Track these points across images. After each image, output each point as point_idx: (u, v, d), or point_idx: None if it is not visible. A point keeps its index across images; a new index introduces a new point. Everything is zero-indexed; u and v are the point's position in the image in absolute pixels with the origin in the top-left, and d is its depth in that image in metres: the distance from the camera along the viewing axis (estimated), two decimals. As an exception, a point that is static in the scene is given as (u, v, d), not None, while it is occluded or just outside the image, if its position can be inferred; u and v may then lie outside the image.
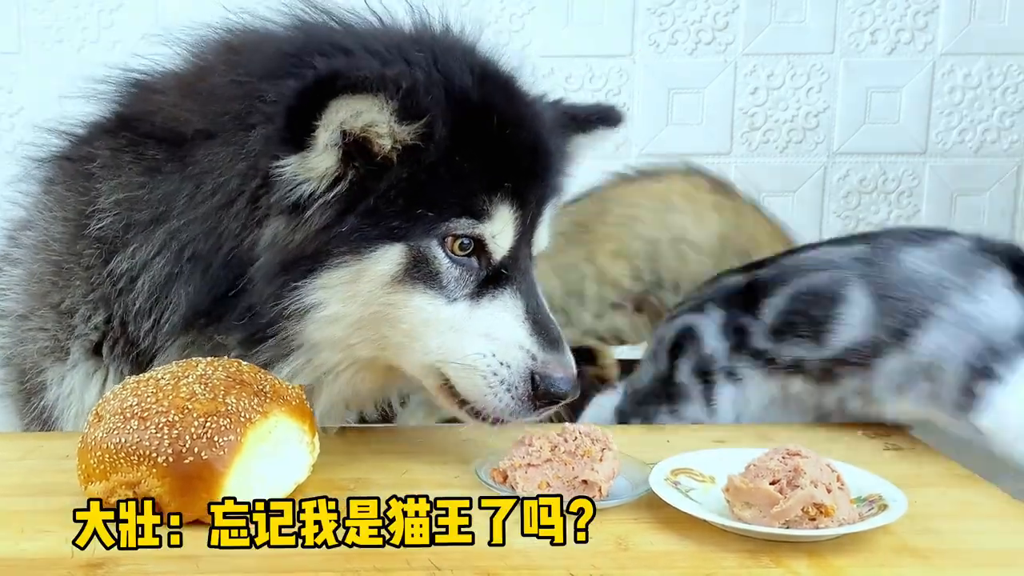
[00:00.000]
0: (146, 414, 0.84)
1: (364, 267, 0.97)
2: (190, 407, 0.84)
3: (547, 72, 2.40)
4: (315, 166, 0.96)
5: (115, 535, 0.79)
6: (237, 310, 0.99)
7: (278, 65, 0.99)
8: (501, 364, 0.98)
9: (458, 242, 0.99)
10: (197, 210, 1.00)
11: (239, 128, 0.99)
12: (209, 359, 0.94)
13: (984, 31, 2.43)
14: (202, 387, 0.87)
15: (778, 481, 0.83)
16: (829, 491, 0.82)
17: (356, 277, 0.97)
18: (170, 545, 0.79)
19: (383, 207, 0.97)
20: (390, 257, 0.97)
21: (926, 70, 2.45)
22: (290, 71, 0.97)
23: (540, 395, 0.98)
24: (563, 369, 0.99)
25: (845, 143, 2.48)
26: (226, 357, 0.97)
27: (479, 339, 0.99)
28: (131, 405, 0.86)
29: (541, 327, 1.01)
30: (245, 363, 0.94)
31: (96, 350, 1.10)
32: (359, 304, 0.98)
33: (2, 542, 0.81)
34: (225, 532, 0.79)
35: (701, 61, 2.43)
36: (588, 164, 2.48)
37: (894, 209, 2.51)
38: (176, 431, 0.83)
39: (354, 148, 0.96)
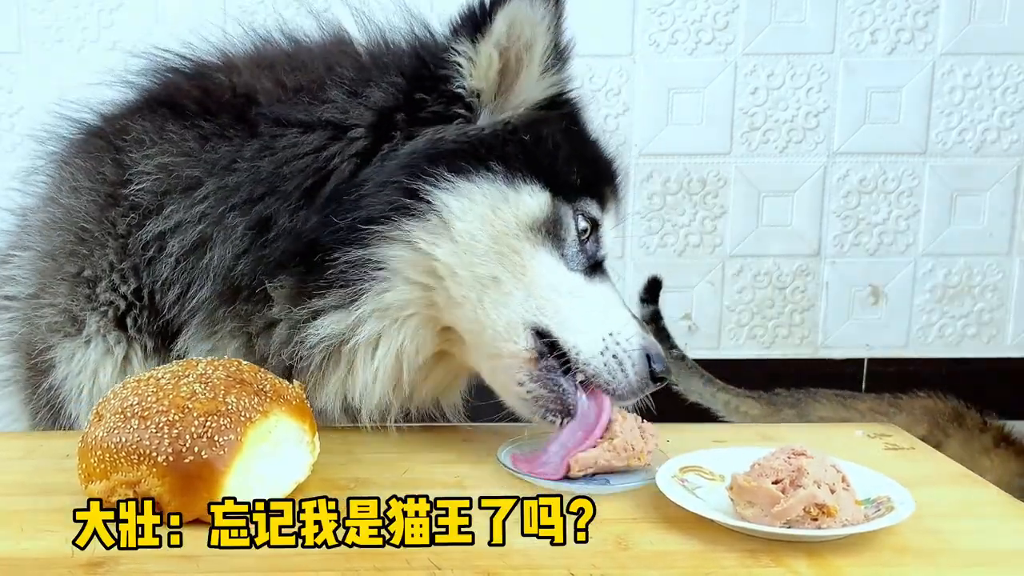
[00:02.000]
0: (146, 413, 0.84)
1: (513, 196, 0.99)
2: (190, 406, 0.84)
3: (547, 72, 2.40)
4: (483, 57, 1.02)
5: (115, 535, 0.79)
6: (317, 246, 0.99)
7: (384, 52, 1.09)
8: (627, 340, 1.00)
9: (583, 222, 1.04)
10: (291, 159, 1.02)
11: (358, 79, 1.05)
12: (209, 359, 0.94)
13: (984, 31, 2.43)
14: (202, 386, 0.87)
15: (781, 480, 0.83)
16: (833, 491, 0.82)
17: (501, 202, 0.99)
18: (170, 545, 0.79)
19: (543, 148, 1.03)
20: (538, 201, 1.01)
21: (926, 70, 2.45)
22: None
23: (653, 376, 1.01)
24: (660, 350, 1.03)
25: (845, 143, 2.48)
26: (226, 357, 0.97)
27: (599, 312, 1.01)
28: (131, 404, 0.86)
29: (635, 316, 1.06)
30: (245, 363, 0.94)
31: (120, 323, 1.09)
32: (490, 234, 0.99)
33: (2, 542, 0.81)
34: (225, 532, 0.79)
35: (701, 61, 2.43)
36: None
37: (894, 209, 2.52)
38: (176, 430, 0.83)
39: (508, 67, 1.03)
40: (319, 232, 1.00)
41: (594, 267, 1.07)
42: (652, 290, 2.01)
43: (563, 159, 1.04)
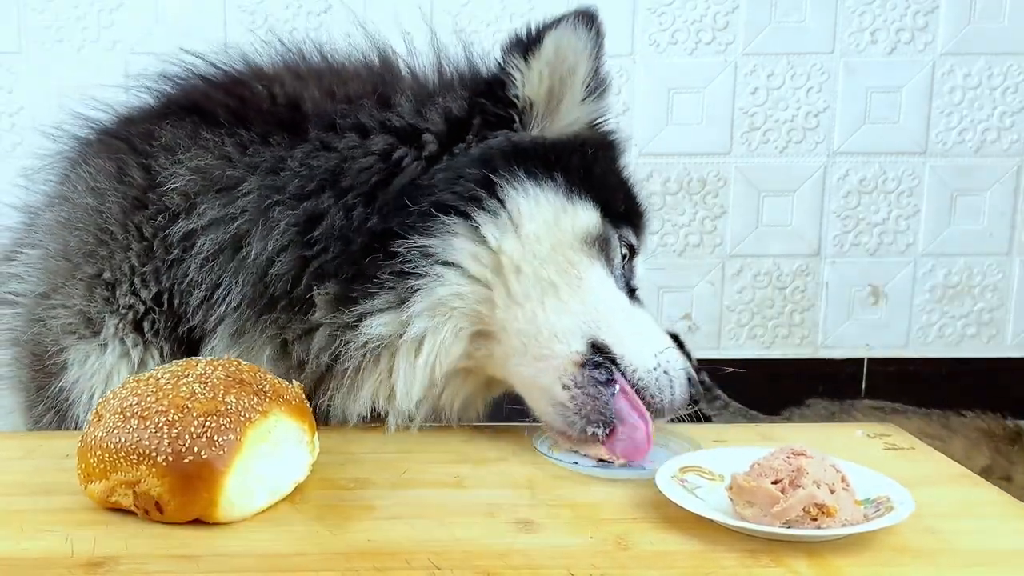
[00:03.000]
0: (146, 413, 0.84)
1: (571, 208, 1.04)
2: (190, 406, 0.84)
3: (547, 72, 2.40)
4: (534, 75, 1.08)
5: (115, 535, 0.79)
6: (368, 247, 1.01)
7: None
8: (669, 361, 1.04)
9: (623, 248, 1.09)
10: (354, 159, 1.05)
11: (420, 89, 1.12)
12: (209, 359, 0.94)
13: (984, 31, 2.43)
14: (202, 386, 0.87)
15: (780, 480, 0.83)
16: (832, 491, 0.82)
17: (561, 212, 1.04)
18: (170, 545, 0.79)
19: (592, 172, 1.07)
20: (591, 217, 1.05)
21: (926, 70, 2.45)
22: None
23: (691, 395, 1.05)
24: (695, 374, 1.07)
25: (845, 143, 2.48)
26: (227, 357, 0.97)
27: (648, 332, 1.05)
28: (131, 404, 0.86)
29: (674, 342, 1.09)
30: (245, 363, 0.94)
31: (137, 327, 1.09)
32: (552, 241, 1.02)
33: (2, 542, 0.81)
34: (225, 532, 0.79)
35: (701, 61, 2.43)
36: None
37: (894, 209, 2.52)
38: (176, 430, 0.83)
39: (552, 92, 1.09)
40: (385, 224, 1.01)
41: (631, 292, 1.11)
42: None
43: (611, 185, 1.10)
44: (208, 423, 0.83)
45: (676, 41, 2.42)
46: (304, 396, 0.95)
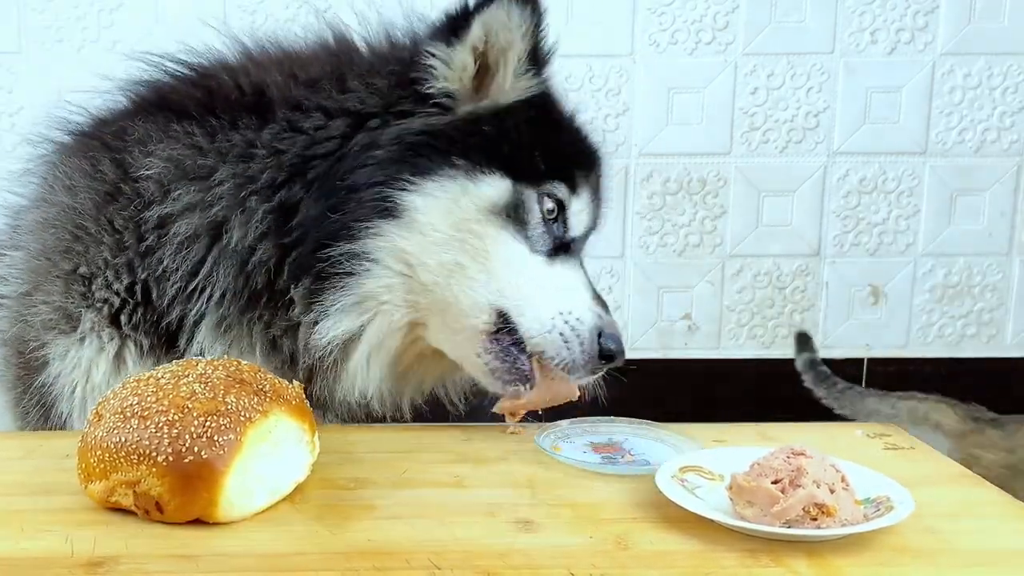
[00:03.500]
0: (146, 413, 0.84)
1: (472, 187, 1.05)
2: (190, 406, 0.84)
3: (547, 72, 2.40)
4: (457, 60, 1.07)
5: (115, 535, 0.79)
6: (325, 233, 1.03)
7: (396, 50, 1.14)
8: (578, 320, 1.06)
9: (549, 203, 1.09)
10: (316, 142, 1.06)
11: (370, 70, 1.11)
12: (209, 358, 0.94)
13: (984, 31, 2.43)
14: (202, 386, 0.87)
15: (780, 480, 0.83)
16: (832, 491, 0.82)
17: (460, 194, 1.05)
18: (170, 545, 0.79)
19: (507, 138, 1.07)
20: (498, 188, 1.06)
21: (926, 70, 2.45)
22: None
23: (602, 353, 1.06)
24: (616, 331, 1.08)
25: (845, 143, 2.48)
26: (226, 357, 0.97)
27: (555, 292, 1.07)
28: (131, 404, 0.86)
29: (598, 296, 1.11)
30: (245, 363, 0.94)
31: (114, 320, 1.10)
32: (453, 222, 1.05)
33: (2, 541, 0.81)
34: (225, 532, 0.79)
35: (701, 61, 2.43)
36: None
37: (894, 209, 2.52)
38: (176, 430, 0.83)
39: (487, 69, 1.09)
40: (329, 228, 1.04)
41: (561, 247, 1.11)
42: (803, 342, 2.14)
43: (527, 146, 1.09)
44: (208, 423, 0.83)
45: (676, 41, 2.42)
46: (304, 396, 0.95)
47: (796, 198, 2.50)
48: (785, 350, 2.58)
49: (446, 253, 1.05)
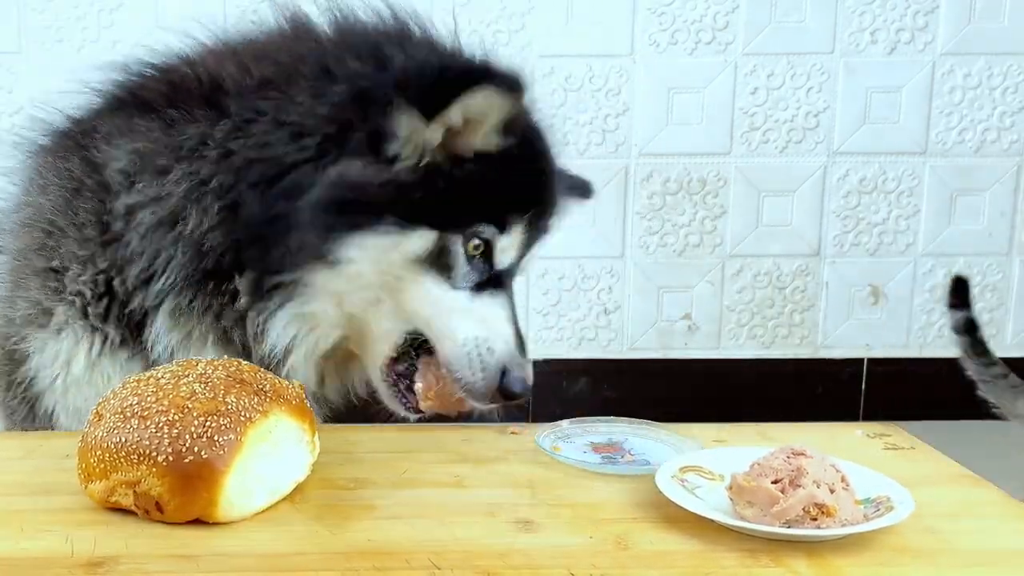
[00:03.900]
0: (146, 413, 0.84)
1: (402, 242, 1.07)
2: (190, 406, 0.84)
3: (547, 72, 2.40)
4: (427, 137, 1.06)
5: (115, 535, 0.79)
6: (270, 238, 1.07)
7: (371, 44, 1.11)
8: (488, 349, 1.09)
9: (475, 242, 1.10)
10: (260, 147, 1.07)
11: (321, 80, 1.09)
12: (209, 358, 0.94)
13: (984, 31, 2.43)
14: (202, 386, 0.87)
15: (780, 480, 0.83)
16: (832, 491, 0.82)
17: (392, 248, 1.07)
18: (170, 545, 0.80)
19: (440, 196, 1.08)
20: (424, 241, 1.08)
21: (926, 70, 2.45)
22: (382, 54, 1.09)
23: (501, 388, 1.10)
24: (524, 373, 1.11)
25: (845, 143, 2.49)
26: (226, 357, 0.98)
27: (473, 322, 1.10)
28: (131, 404, 0.86)
29: (518, 334, 1.13)
30: (245, 363, 0.94)
31: (85, 311, 1.13)
32: (380, 268, 1.09)
33: (2, 541, 0.81)
34: (225, 532, 0.79)
35: (701, 61, 2.43)
36: (591, 163, 2.49)
37: (894, 209, 2.52)
38: (176, 430, 0.83)
39: (452, 133, 1.07)
40: (272, 253, 1.08)
41: (488, 281, 1.12)
42: (959, 292, 1.79)
43: (462, 197, 1.09)
44: (208, 423, 0.83)
45: (676, 41, 2.42)
46: (304, 396, 0.95)
47: (796, 198, 2.51)
48: (785, 350, 2.58)
49: (369, 291, 1.10)
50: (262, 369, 0.95)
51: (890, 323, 2.58)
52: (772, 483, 0.83)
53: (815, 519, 0.81)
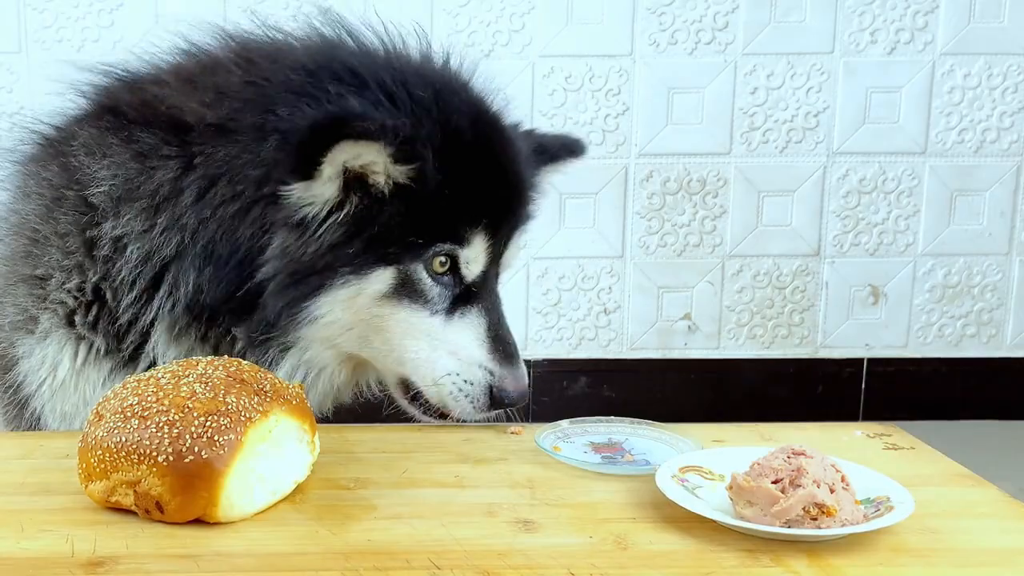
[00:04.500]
0: (146, 413, 0.84)
1: (363, 286, 1.09)
2: (190, 406, 0.84)
3: (547, 72, 2.41)
4: (318, 194, 1.05)
5: (115, 535, 0.79)
6: (246, 307, 1.09)
7: (297, 81, 1.08)
8: (465, 382, 1.11)
9: (438, 261, 1.10)
10: (215, 210, 1.07)
11: (256, 134, 1.07)
12: (209, 358, 0.94)
13: (984, 31, 2.43)
14: (202, 386, 0.87)
15: (780, 480, 0.83)
16: (832, 491, 0.82)
17: (356, 294, 1.09)
18: (170, 545, 0.80)
19: (382, 234, 1.08)
20: (384, 278, 1.09)
21: (926, 70, 2.45)
22: (308, 91, 1.07)
23: (494, 402, 1.12)
24: (515, 383, 1.12)
25: (845, 143, 2.49)
26: (227, 356, 0.98)
27: (447, 357, 1.12)
28: (131, 404, 0.86)
29: (500, 343, 1.13)
30: (245, 362, 0.94)
31: (70, 320, 1.14)
32: (353, 313, 1.10)
33: (2, 541, 0.81)
34: (225, 532, 0.79)
35: (701, 61, 2.43)
36: (591, 163, 2.50)
37: (894, 209, 2.52)
38: (176, 430, 0.83)
39: (354, 182, 1.06)
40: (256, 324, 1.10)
41: (460, 297, 1.12)
42: None
43: (404, 227, 1.08)
44: (209, 423, 0.83)
45: (676, 41, 2.42)
46: (304, 396, 0.95)
47: (796, 198, 2.51)
48: (785, 350, 2.58)
49: (355, 331, 1.12)
50: (262, 369, 0.95)
51: (890, 323, 2.58)
52: (772, 483, 0.83)
53: (815, 519, 0.81)
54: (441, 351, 1.11)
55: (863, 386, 2.58)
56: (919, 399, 2.56)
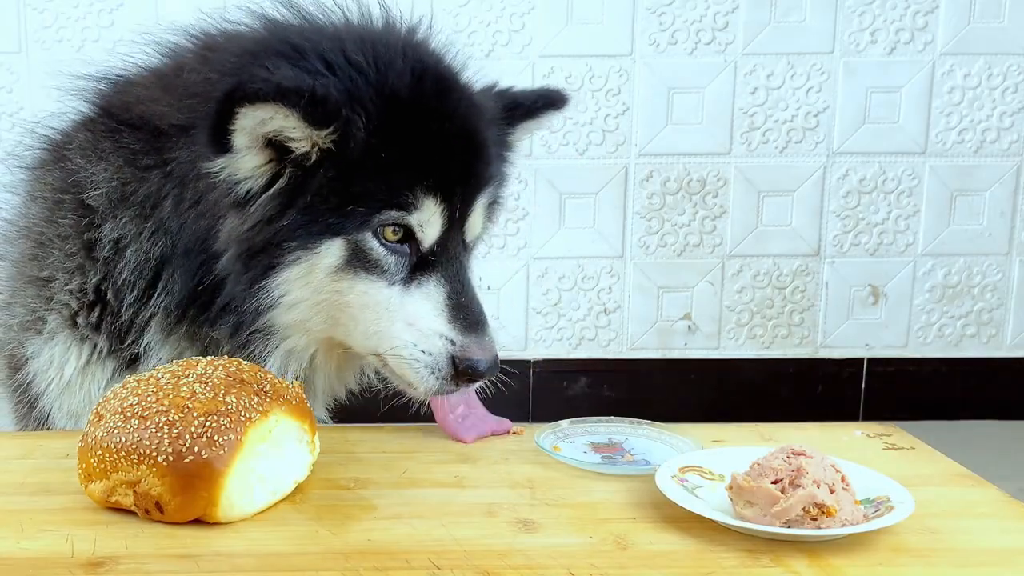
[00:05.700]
0: (146, 413, 0.84)
1: (314, 261, 1.07)
2: (190, 406, 0.84)
3: (547, 72, 2.41)
4: (242, 167, 1.04)
5: (115, 535, 0.79)
6: (218, 303, 1.09)
7: (238, 64, 1.08)
8: (423, 352, 1.07)
9: (389, 229, 1.07)
10: (187, 211, 1.08)
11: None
12: (209, 358, 0.94)
13: (984, 31, 2.43)
14: (202, 386, 0.87)
15: (780, 480, 0.83)
16: (832, 491, 0.82)
17: (309, 270, 1.07)
18: (170, 545, 0.80)
19: (319, 204, 1.05)
20: (333, 251, 1.07)
21: (926, 70, 2.45)
22: (248, 71, 1.05)
23: (461, 374, 1.06)
24: (482, 351, 1.07)
25: (845, 143, 2.49)
26: (225, 357, 0.98)
27: (404, 327, 1.08)
28: (131, 404, 0.86)
29: (463, 311, 1.08)
30: (245, 363, 0.94)
31: (74, 321, 1.15)
32: (313, 290, 1.08)
33: (2, 541, 0.81)
34: (225, 532, 0.79)
35: (701, 61, 2.43)
36: (591, 163, 2.50)
37: (894, 209, 2.52)
38: (176, 430, 0.83)
39: (279, 151, 1.04)
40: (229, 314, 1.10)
41: (418, 266, 1.09)
42: None
43: (338, 196, 1.06)
44: (208, 423, 0.83)
45: (676, 41, 2.42)
46: (304, 396, 0.95)
47: (796, 198, 2.51)
48: (785, 350, 2.58)
49: (321, 310, 1.10)
50: (262, 369, 0.95)
51: (890, 323, 2.57)
52: (772, 483, 0.83)
53: (815, 519, 0.81)
54: (399, 322, 1.08)
55: (863, 386, 2.58)
56: (919, 399, 2.56)
